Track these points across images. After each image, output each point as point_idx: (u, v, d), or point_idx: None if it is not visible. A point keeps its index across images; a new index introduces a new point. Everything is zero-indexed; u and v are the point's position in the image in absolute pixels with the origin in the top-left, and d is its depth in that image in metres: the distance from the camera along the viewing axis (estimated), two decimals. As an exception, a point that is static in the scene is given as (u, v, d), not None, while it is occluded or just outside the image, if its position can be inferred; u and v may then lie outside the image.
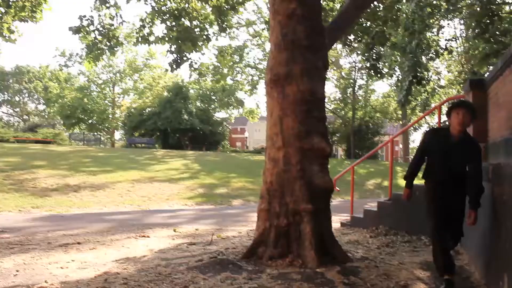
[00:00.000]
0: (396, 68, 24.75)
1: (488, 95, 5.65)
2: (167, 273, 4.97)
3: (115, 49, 12.77)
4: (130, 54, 53.20)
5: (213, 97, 51.44)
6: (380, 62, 13.54)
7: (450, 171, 4.60)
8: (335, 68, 42.82)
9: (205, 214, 12.26)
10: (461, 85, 27.21)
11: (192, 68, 13.31)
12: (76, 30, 11.75)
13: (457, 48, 26.95)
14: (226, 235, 8.09)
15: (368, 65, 13.99)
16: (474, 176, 4.50)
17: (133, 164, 22.67)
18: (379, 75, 14.35)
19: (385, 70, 26.75)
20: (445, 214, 4.56)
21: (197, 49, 12.34)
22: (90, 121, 52.73)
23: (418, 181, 5.24)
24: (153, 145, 45.23)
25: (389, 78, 32.31)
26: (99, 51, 12.15)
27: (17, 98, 71.77)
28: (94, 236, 8.08)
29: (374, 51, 13.02)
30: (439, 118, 8.65)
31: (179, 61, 12.42)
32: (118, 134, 61.11)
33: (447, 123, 4.78)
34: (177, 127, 46.80)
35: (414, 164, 5.06)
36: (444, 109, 9.84)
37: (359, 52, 19.33)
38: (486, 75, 6.74)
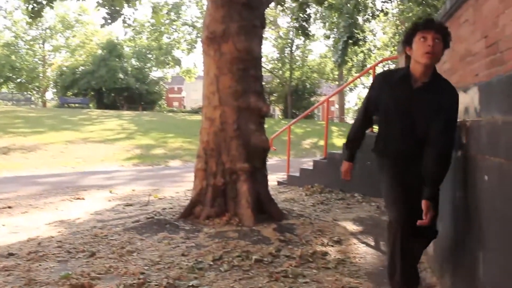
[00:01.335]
0: (335, 30, 24.99)
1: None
2: (103, 234, 4.90)
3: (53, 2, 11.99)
4: (61, 9, 50.53)
5: (149, 56, 50.06)
6: (309, 23, 13.54)
7: (412, 134, 2.89)
8: (273, 28, 42.72)
9: (141, 175, 12.11)
10: (395, 47, 27.91)
11: (126, 25, 12.80)
12: None
13: (392, 10, 27.48)
14: (163, 196, 8.05)
15: (297, 25, 14.00)
16: (442, 140, 2.76)
17: (66, 124, 21.98)
18: (306, 36, 14.38)
19: (324, 31, 27.03)
20: (410, 201, 2.84)
21: (130, 4, 11.85)
22: (19, 80, 50.10)
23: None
24: (87, 105, 43.89)
25: (326, 39, 32.64)
26: (39, 5, 11.37)
27: None
28: (26, 199, 7.79)
29: (307, 12, 13.03)
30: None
31: (114, 15, 11.88)
32: (50, 94, 58.70)
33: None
34: (112, 86, 45.35)
35: (356, 126, 3.33)
36: (380, 69, 10.06)
37: (289, 12, 19.30)
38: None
